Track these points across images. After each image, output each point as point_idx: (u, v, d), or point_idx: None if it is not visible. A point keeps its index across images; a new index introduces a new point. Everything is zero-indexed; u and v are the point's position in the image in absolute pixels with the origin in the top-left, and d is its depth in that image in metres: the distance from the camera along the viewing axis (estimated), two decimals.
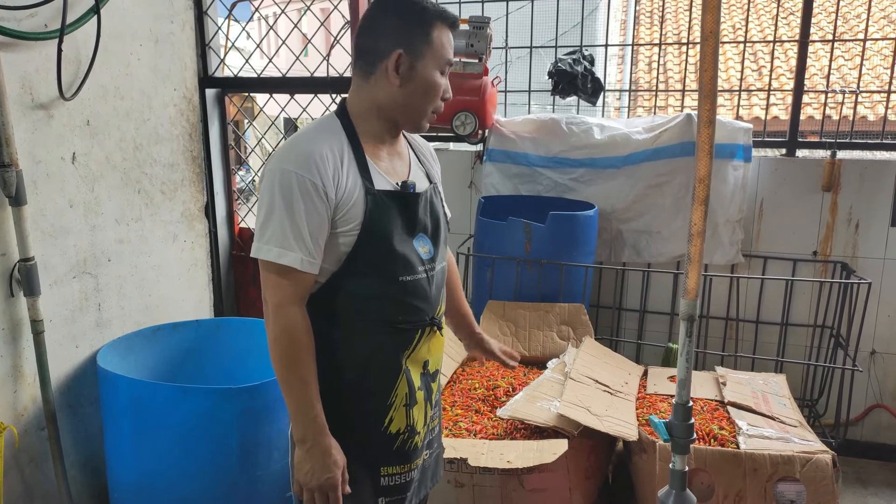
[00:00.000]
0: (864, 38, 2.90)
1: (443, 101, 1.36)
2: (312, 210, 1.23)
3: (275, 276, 1.25)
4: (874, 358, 2.85)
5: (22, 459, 2.09)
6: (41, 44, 2.04)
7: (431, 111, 1.36)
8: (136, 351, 2.36)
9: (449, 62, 1.34)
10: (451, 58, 1.35)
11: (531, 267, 2.65)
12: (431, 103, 1.35)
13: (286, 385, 1.27)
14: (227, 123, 3.28)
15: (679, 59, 7.38)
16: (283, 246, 1.22)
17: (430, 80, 1.32)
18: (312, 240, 1.24)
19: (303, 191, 1.22)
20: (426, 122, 1.37)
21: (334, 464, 1.27)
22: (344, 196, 1.26)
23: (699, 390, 2.34)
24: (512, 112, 3.27)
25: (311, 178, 1.22)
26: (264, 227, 1.24)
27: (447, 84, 1.36)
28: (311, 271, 1.25)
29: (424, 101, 1.33)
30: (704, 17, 1.22)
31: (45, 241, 2.11)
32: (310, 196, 1.22)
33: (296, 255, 1.22)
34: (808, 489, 1.87)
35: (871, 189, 2.76)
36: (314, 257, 1.25)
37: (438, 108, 1.37)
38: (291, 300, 1.25)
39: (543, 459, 1.89)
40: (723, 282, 2.92)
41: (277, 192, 1.22)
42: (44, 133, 2.08)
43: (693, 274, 1.35)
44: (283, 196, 1.22)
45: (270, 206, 1.23)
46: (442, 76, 1.34)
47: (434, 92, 1.33)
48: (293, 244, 1.22)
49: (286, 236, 1.22)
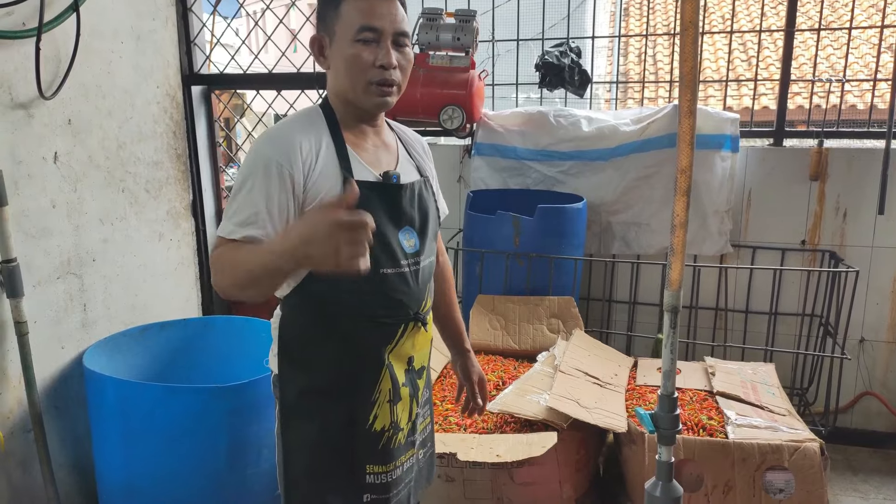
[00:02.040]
0: (849, 26, 2.89)
1: (383, 68, 1.26)
2: (277, 190, 1.21)
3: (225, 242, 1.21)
4: (863, 346, 2.86)
5: (8, 462, 2.07)
6: (19, 42, 2.01)
7: (370, 83, 1.27)
8: (123, 351, 2.34)
9: (368, 27, 1.24)
10: (373, 23, 1.24)
11: (520, 260, 2.64)
12: (360, 77, 1.26)
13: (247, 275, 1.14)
14: (215, 121, 3.26)
15: (669, 51, 7.36)
16: (241, 224, 1.20)
17: (346, 55, 1.26)
18: (270, 218, 1.20)
19: (268, 171, 1.21)
20: (371, 97, 1.28)
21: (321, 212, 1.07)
22: (315, 185, 1.25)
23: (688, 381, 2.35)
24: (500, 105, 3.26)
25: (278, 159, 1.21)
26: (230, 204, 1.23)
27: (382, 51, 1.25)
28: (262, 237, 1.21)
29: (350, 78, 1.27)
30: (684, 7, 1.21)
31: (28, 241, 2.09)
32: (275, 177, 1.21)
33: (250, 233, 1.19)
34: (796, 477, 1.88)
35: (858, 177, 2.76)
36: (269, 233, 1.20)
37: (377, 78, 1.26)
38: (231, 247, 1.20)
39: (533, 452, 1.89)
40: (712, 272, 2.93)
41: (245, 173, 1.23)
42: (24, 133, 2.06)
43: (676, 265, 1.34)
44: (250, 175, 1.21)
45: (237, 186, 1.23)
46: (366, 45, 1.25)
47: (356, 64, 1.25)
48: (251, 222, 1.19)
49: (248, 213, 1.19)
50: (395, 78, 1.29)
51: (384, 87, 1.29)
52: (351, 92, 1.29)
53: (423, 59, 2.84)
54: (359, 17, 1.25)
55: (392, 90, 1.30)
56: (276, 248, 1.10)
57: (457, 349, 1.68)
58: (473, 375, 1.67)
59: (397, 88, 1.31)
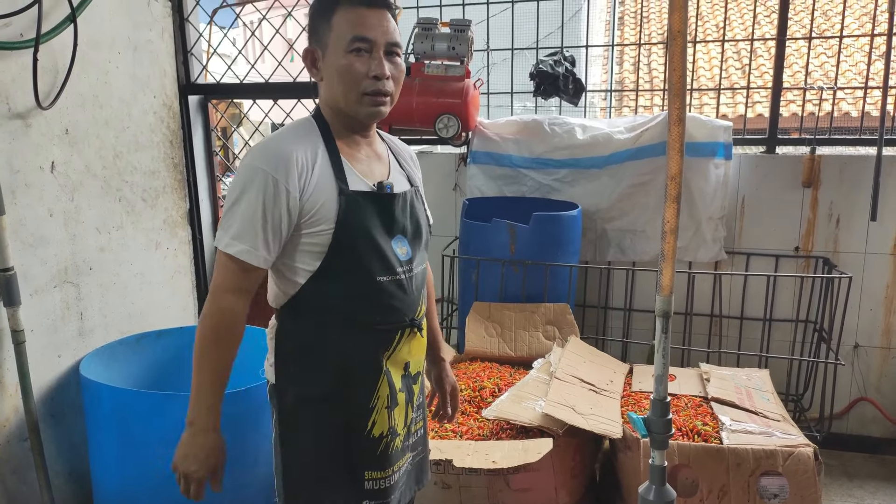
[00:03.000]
0: (840, 34, 2.93)
1: (375, 79, 1.28)
2: (271, 206, 1.23)
3: (224, 262, 1.26)
4: (857, 352, 2.88)
5: (5, 470, 2.07)
6: (17, 53, 2.03)
7: (363, 94, 1.28)
8: (120, 359, 2.34)
9: (360, 38, 1.26)
10: (364, 33, 1.26)
11: (516, 268, 2.66)
12: (353, 88, 1.28)
13: (198, 365, 1.28)
14: (211, 130, 3.27)
15: (664, 59, 7.41)
16: (235, 237, 1.24)
17: (339, 66, 1.27)
18: (265, 234, 1.24)
19: (265, 187, 1.23)
20: (364, 107, 1.30)
21: (206, 462, 1.29)
22: (311, 197, 1.26)
23: (683, 387, 2.36)
24: (495, 114, 3.28)
25: (275, 174, 1.23)
26: (225, 217, 1.26)
27: (374, 62, 1.27)
28: (257, 264, 1.25)
29: (342, 89, 1.29)
30: (672, 17, 1.23)
31: (25, 250, 2.10)
32: (270, 192, 1.23)
33: (244, 247, 1.24)
34: (790, 482, 1.88)
35: (850, 184, 2.78)
36: (265, 253, 1.25)
37: (370, 89, 1.28)
38: (231, 288, 1.26)
39: (528, 459, 1.89)
40: (706, 279, 2.94)
41: (241, 186, 1.24)
42: (21, 142, 2.07)
43: (667, 271, 1.36)
44: (246, 190, 1.24)
45: (233, 199, 1.25)
46: (358, 55, 1.26)
47: (348, 75, 1.27)
48: (246, 236, 1.24)
49: (242, 228, 1.24)
50: (388, 88, 1.31)
51: (377, 97, 1.30)
52: (344, 102, 1.31)
53: (419, 69, 2.86)
54: (350, 29, 1.27)
55: (385, 100, 1.32)
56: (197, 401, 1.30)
57: (432, 357, 1.66)
58: (447, 385, 1.67)
59: (390, 99, 1.33)
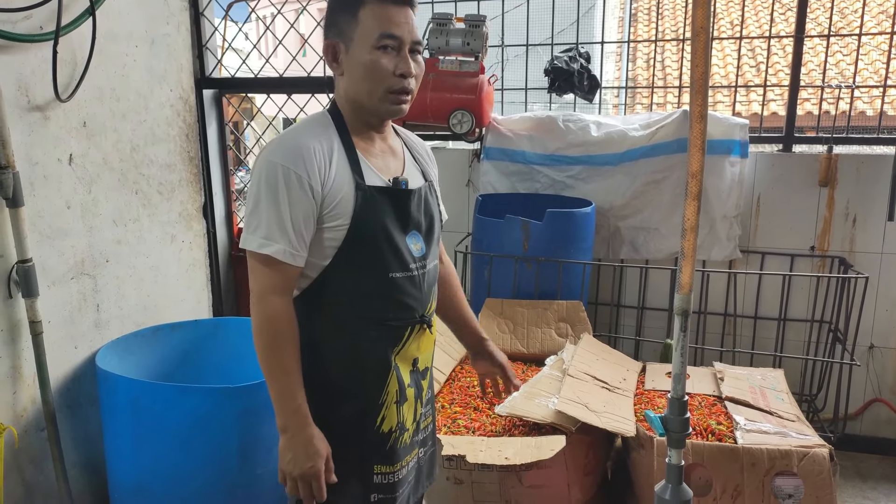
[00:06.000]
0: (859, 32, 2.90)
1: (402, 77, 1.28)
2: (297, 202, 1.23)
3: (259, 266, 1.26)
4: (872, 352, 2.86)
5: (22, 460, 2.09)
6: (36, 46, 2.04)
7: (388, 92, 1.28)
8: (135, 351, 2.36)
9: (389, 35, 1.25)
10: (392, 31, 1.25)
11: (529, 264, 2.65)
12: (379, 84, 1.27)
13: (269, 375, 1.27)
14: (225, 124, 3.28)
15: (677, 56, 7.37)
16: (266, 237, 1.23)
17: (365, 61, 1.26)
18: (296, 231, 1.24)
19: (288, 183, 1.22)
20: (387, 104, 1.30)
21: (316, 453, 1.27)
22: (331, 191, 1.26)
23: (697, 386, 2.35)
24: (509, 110, 3.27)
25: (296, 170, 1.23)
26: (250, 217, 1.26)
27: (401, 60, 1.27)
28: (293, 263, 1.26)
29: (367, 85, 1.28)
30: (695, 13, 1.22)
31: (43, 242, 2.11)
32: (295, 188, 1.23)
33: (279, 246, 1.23)
34: (805, 483, 1.87)
35: (867, 183, 2.76)
36: (298, 249, 1.25)
37: (397, 87, 1.28)
38: (274, 290, 1.26)
39: (541, 456, 1.89)
40: (721, 278, 2.92)
41: (263, 184, 1.24)
42: (40, 135, 2.09)
43: (686, 269, 1.35)
44: (269, 187, 1.23)
45: (257, 198, 1.25)
46: (385, 52, 1.26)
47: (374, 72, 1.26)
48: (277, 235, 1.23)
49: (270, 227, 1.23)
50: (412, 86, 1.31)
51: (401, 94, 1.30)
52: (367, 98, 1.30)
53: (433, 64, 2.86)
54: (379, 25, 1.26)
55: (408, 98, 1.32)
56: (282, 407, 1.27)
57: (479, 344, 1.69)
58: (503, 360, 1.70)
59: (411, 97, 1.33)
